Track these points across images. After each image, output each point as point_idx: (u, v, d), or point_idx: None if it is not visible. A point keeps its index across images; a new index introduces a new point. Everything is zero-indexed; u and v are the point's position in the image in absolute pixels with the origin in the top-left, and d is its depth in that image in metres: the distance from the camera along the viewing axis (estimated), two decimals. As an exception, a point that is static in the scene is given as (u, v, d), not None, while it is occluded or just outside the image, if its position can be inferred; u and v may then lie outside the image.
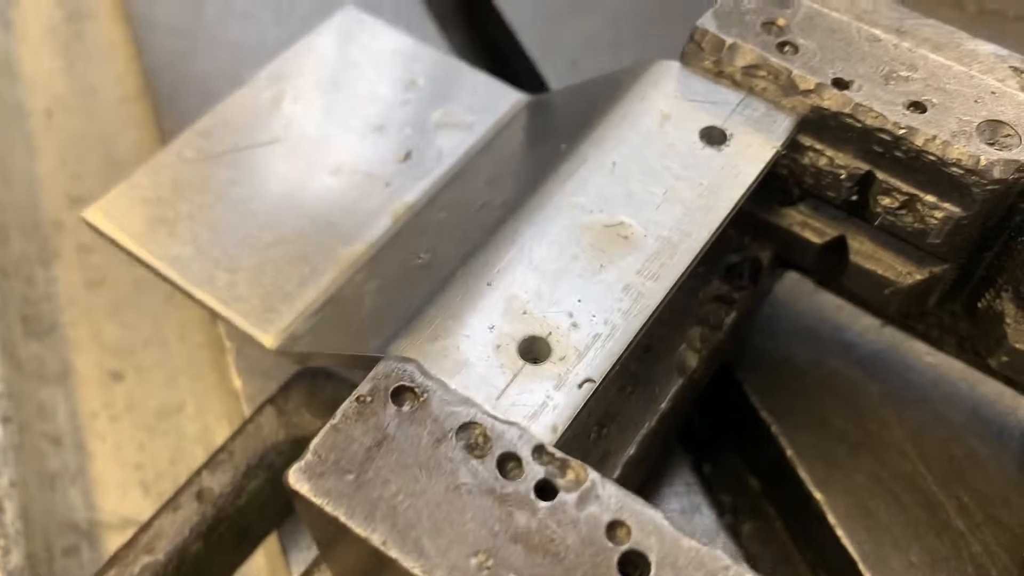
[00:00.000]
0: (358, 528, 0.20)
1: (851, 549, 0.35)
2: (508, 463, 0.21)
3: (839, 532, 0.36)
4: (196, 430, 0.44)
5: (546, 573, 0.20)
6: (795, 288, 0.41)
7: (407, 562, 0.20)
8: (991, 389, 0.39)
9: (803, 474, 0.37)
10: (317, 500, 0.21)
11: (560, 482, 0.21)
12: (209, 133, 0.35)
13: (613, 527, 0.20)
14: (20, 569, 0.36)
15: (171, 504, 0.32)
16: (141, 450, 0.44)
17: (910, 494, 0.37)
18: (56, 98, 0.57)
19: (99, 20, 0.62)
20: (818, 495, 0.36)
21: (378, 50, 0.38)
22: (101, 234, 0.33)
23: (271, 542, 0.36)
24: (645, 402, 0.30)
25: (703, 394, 0.36)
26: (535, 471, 0.21)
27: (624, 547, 0.20)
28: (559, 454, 0.21)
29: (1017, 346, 0.30)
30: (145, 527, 0.32)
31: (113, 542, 0.41)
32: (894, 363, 0.40)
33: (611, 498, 0.21)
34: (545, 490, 0.21)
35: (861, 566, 0.35)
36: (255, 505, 0.33)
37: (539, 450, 0.21)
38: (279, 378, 0.37)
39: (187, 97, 0.51)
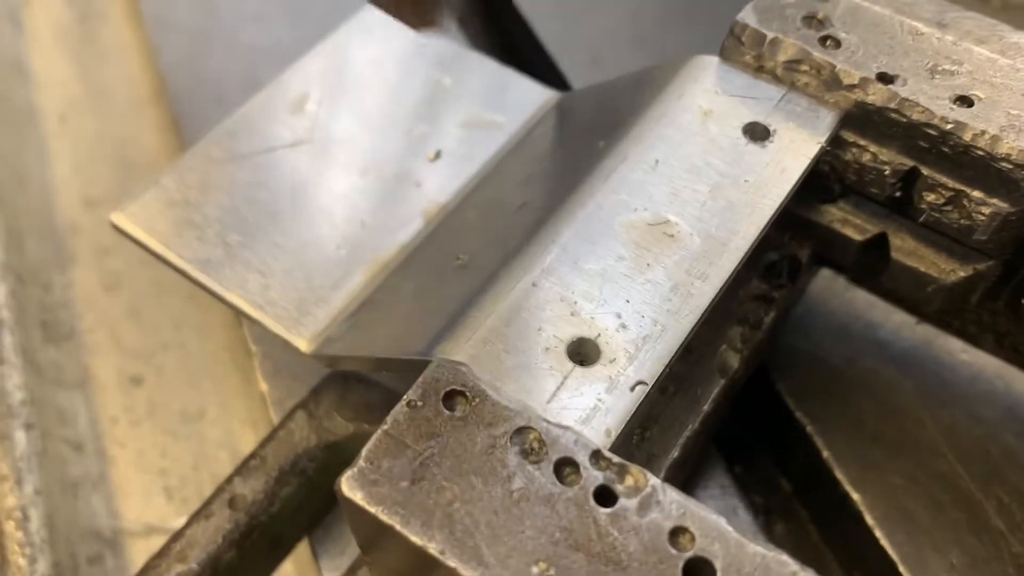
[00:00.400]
0: (415, 537, 0.20)
1: (891, 551, 0.35)
2: (565, 469, 0.21)
3: (878, 533, 0.35)
4: (219, 434, 0.43)
5: (610, 582, 0.19)
6: (828, 287, 0.41)
7: (467, 571, 0.19)
8: (1027, 386, 0.38)
9: (840, 475, 0.36)
10: (371, 508, 0.20)
11: (619, 488, 0.20)
12: (234, 135, 0.35)
13: (676, 533, 0.20)
14: (47, 578, 0.36)
15: (203, 512, 0.32)
16: (163, 455, 0.43)
17: (948, 494, 0.36)
18: (69, 101, 0.57)
19: (111, 21, 0.61)
20: (855, 496, 0.36)
21: (400, 49, 0.38)
22: (129, 238, 0.32)
23: (302, 548, 0.35)
24: (688, 404, 0.30)
25: (737, 396, 0.35)
26: (593, 477, 0.21)
27: (688, 554, 0.19)
28: (616, 459, 0.21)
29: (1064, 343, 0.29)
30: (177, 535, 0.31)
31: (137, 550, 0.41)
32: (928, 361, 0.39)
33: (672, 504, 0.20)
34: (605, 496, 0.20)
35: (901, 568, 0.34)
36: (288, 512, 0.32)
37: (596, 455, 0.21)
38: (306, 381, 0.36)
39: (202, 98, 0.51)
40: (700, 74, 0.30)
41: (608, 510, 0.20)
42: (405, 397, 0.22)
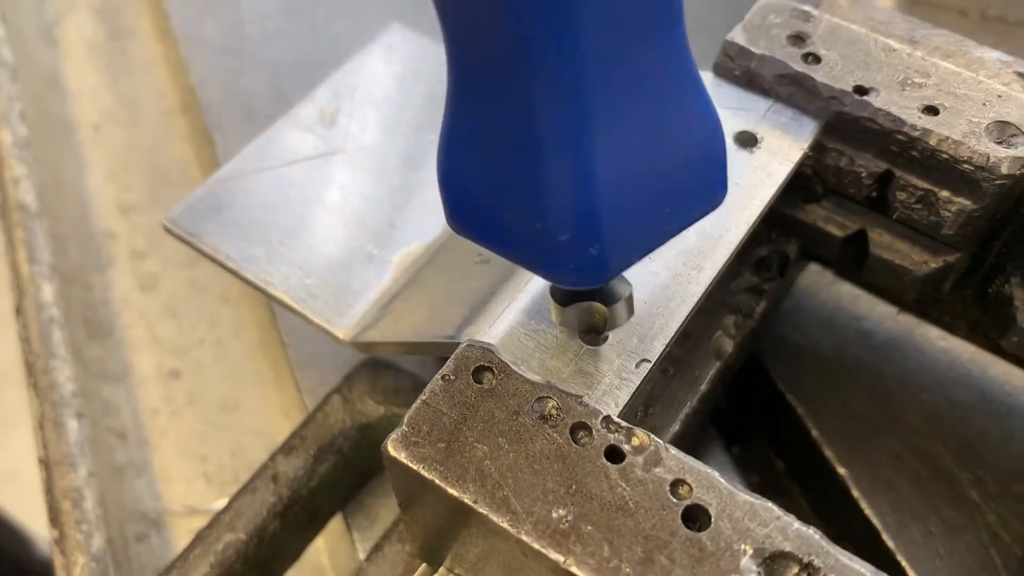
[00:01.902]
0: (452, 489, 0.23)
1: (874, 520, 0.38)
2: (579, 432, 0.24)
3: (863, 505, 0.38)
4: (254, 423, 0.46)
5: (619, 525, 0.22)
6: (816, 281, 0.44)
7: (497, 517, 0.23)
8: (1000, 371, 0.41)
9: (828, 453, 0.40)
10: (414, 466, 0.23)
11: (627, 448, 0.24)
12: (272, 145, 0.38)
13: (676, 485, 0.23)
14: (103, 552, 0.39)
15: (249, 487, 0.35)
16: (202, 443, 0.46)
17: (927, 470, 0.39)
18: (102, 112, 0.60)
19: (139, 37, 0.65)
20: (842, 471, 0.39)
21: (424, 65, 0.41)
22: (179, 238, 0.36)
23: (336, 523, 0.39)
24: (686, 384, 0.33)
25: (732, 381, 0.39)
26: (604, 438, 0.24)
27: (687, 502, 0.23)
28: (624, 424, 0.24)
29: (1026, 327, 0.32)
30: (226, 508, 0.35)
31: (181, 529, 0.44)
32: (909, 349, 0.42)
33: (673, 460, 0.23)
34: (614, 454, 0.24)
35: (884, 535, 0.37)
36: (325, 487, 0.36)
37: (607, 420, 0.24)
38: (335, 370, 0.40)
39: (231, 110, 0.54)
40: (695, 88, 0.33)
41: (617, 466, 0.23)
42: (440, 372, 0.25)
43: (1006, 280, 0.33)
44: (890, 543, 0.37)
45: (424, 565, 0.31)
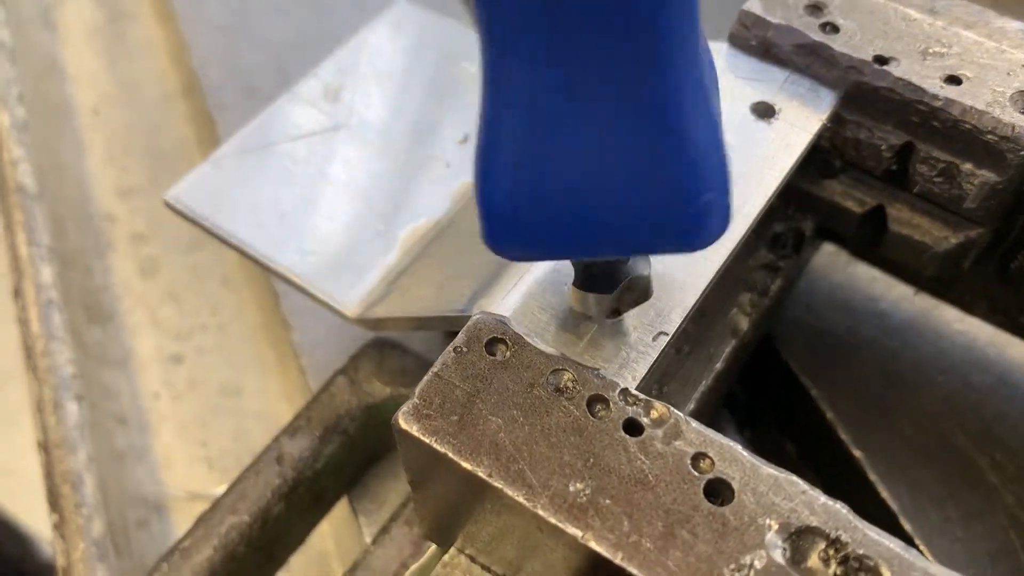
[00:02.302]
0: (465, 462, 0.22)
1: (891, 504, 0.37)
2: (596, 405, 0.23)
3: (879, 488, 0.37)
4: (257, 408, 0.46)
5: (639, 499, 0.22)
6: (830, 262, 0.43)
7: (512, 491, 0.22)
8: (1018, 354, 0.41)
9: (843, 436, 0.39)
10: (426, 439, 0.23)
11: (646, 420, 0.23)
12: (276, 122, 0.37)
13: (697, 459, 0.22)
14: (103, 536, 0.38)
15: (253, 468, 0.34)
16: (204, 428, 0.46)
17: (945, 453, 0.39)
18: (102, 96, 0.60)
19: (138, 21, 0.64)
20: (858, 454, 0.38)
21: (430, 40, 0.40)
22: (181, 215, 0.35)
23: (343, 507, 0.38)
24: (702, 362, 0.32)
25: (746, 365, 0.38)
26: (623, 411, 0.23)
27: (708, 476, 0.22)
28: (643, 396, 0.23)
29: (1049, 303, 0.32)
30: (230, 490, 0.34)
31: (182, 515, 0.43)
32: (926, 331, 0.42)
33: (693, 433, 0.23)
34: (633, 427, 0.23)
35: (901, 519, 0.37)
36: (331, 468, 0.35)
37: (624, 392, 0.23)
38: (340, 353, 0.39)
39: (234, 90, 0.54)
40: (711, 58, 0.32)
41: (636, 439, 0.23)
42: (452, 344, 0.24)
43: (1029, 256, 0.32)
44: (908, 527, 0.36)
45: (434, 547, 0.30)
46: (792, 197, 0.35)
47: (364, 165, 0.36)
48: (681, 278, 0.27)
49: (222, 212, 0.34)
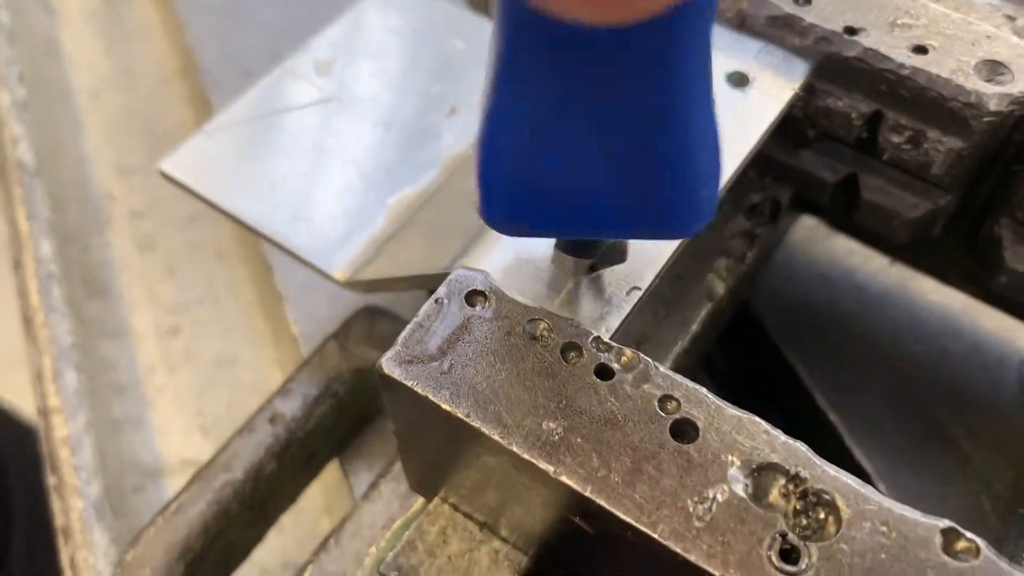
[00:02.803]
0: (445, 405, 0.23)
1: (866, 466, 0.38)
2: (570, 352, 0.24)
3: (855, 452, 0.39)
4: (251, 379, 0.47)
5: (608, 437, 0.23)
6: (809, 236, 0.44)
7: (488, 430, 0.23)
8: (990, 323, 0.42)
9: (820, 401, 0.40)
10: (408, 383, 0.24)
11: (616, 366, 0.24)
12: (268, 94, 0.39)
13: (664, 400, 0.23)
14: (101, 500, 0.39)
15: (246, 427, 0.35)
16: (199, 398, 0.47)
17: (919, 419, 0.40)
18: (100, 78, 0.61)
19: (135, 4, 0.65)
20: (835, 419, 0.39)
21: (419, 18, 0.41)
22: (177, 184, 0.36)
23: (333, 471, 0.39)
24: (677, 324, 0.33)
25: (724, 334, 0.39)
26: (595, 357, 0.24)
27: (675, 416, 0.23)
28: (615, 344, 0.25)
29: (1014, 267, 0.33)
30: (223, 448, 0.35)
31: (177, 481, 0.44)
32: (902, 301, 0.43)
33: (661, 377, 0.24)
34: (604, 372, 0.24)
35: (875, 480, 0.38)
36: (322, 429, 0.36)
37: (597, 340, 0.25)
38: (332, 324, 0.40)
39: (229, 72, 0.55)
40: (688, 30, 0.33)
41: (607, 382, 0.24)
42: (433, 296, 0.25)
43: (995, 221, 0.33)
44: (881, 488, 0.38)
45: (421, 500, 0.31)
46: (768, 168, 0.36)
47: (354, 136, 0.37)
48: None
49: (216, 181, 0.35)
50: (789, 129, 0.34)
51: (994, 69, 0.31)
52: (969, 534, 0.22)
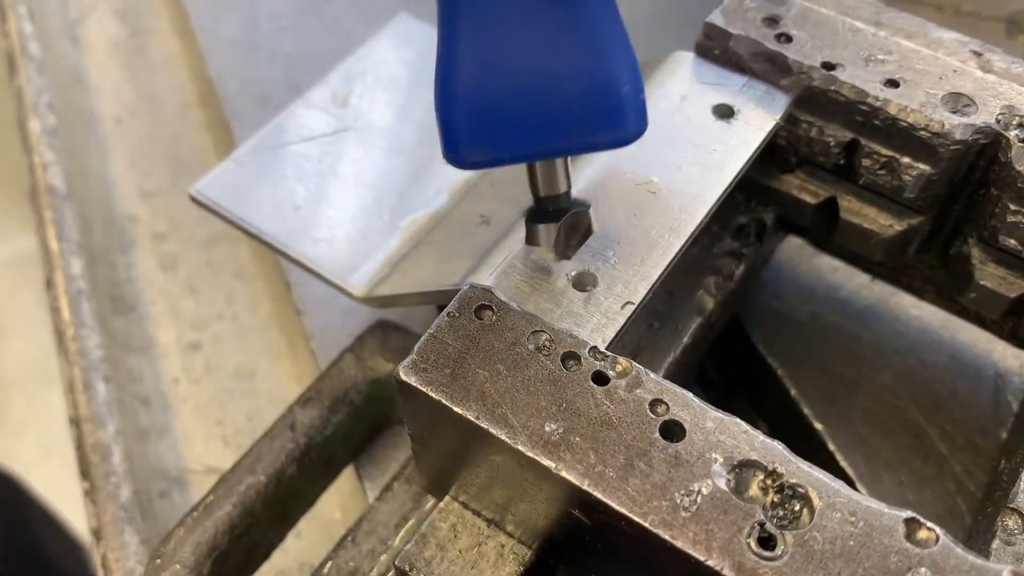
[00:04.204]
0: (457, 408, 0.26)
1: (849, 471, 0.41)
2: (569, 360, 0.27)
3: (839, 458, 0.41)
4: (269, 390, 0.49)
5: (604, 437, 0.25)
6: (795, 255, 0.47)
7: (496, 431, 0.25)
8: (968, 336, 0.44)
9: (806, 410, 0.42)
10: (423, 388, 0.26)
11: (611, 373, 0.27)
12: (290, 124, 0.41)
13: (655, 404, 0.26)
14: (131, 503, 0.42)
15: (268, 434, 0.38)
16: (220, 409, 0.49)
17: (899, 425, 0.42)
18: (124, 106, 0.64)
19: (158, 35, 0.68)
20: (819, 427, 0.42)
21: (430, 49, 0.44)
22: (206, 207, 0.39)
23: (349, 478, 0.42)
24: (670, 336, 0.36)
25: (717, 348, 0.42)
26: (592, 365, 0.27)
27: (664, 418, 0.26)
28: (610, 353, 0.27)
29: (983, 283, 0.35)
30: (247, 453, 0.37)
31: (201, 487, 0.47)
32: (883, 315, 0.45)
33: (652, 383, 0.26)
34: (600, 378, 0.27)
35: (858, 484, 0.40)
36: (339, 436, 0.38)
37: (594, 350, 0.27)
38: (347, 338, 0.43)
39: (248, 100, 0.58)
40: (678, 66, 0.36)
41: (603, 388, 0.26)
42: (445, 310, 0.28)
43: (964, 241, 0.36)
44: (864, 492, 0.40)
45: (432, 499, 0.34)
46: (754, 192, 0.39)
47: (370, 163, 0.40)
48: (647, 255, 0.30)
49: (242, 205, 0.38)
50: (773, 156, 0.37)
51: (959, 101, 0.34)
52: (930, 524, 0.25)
